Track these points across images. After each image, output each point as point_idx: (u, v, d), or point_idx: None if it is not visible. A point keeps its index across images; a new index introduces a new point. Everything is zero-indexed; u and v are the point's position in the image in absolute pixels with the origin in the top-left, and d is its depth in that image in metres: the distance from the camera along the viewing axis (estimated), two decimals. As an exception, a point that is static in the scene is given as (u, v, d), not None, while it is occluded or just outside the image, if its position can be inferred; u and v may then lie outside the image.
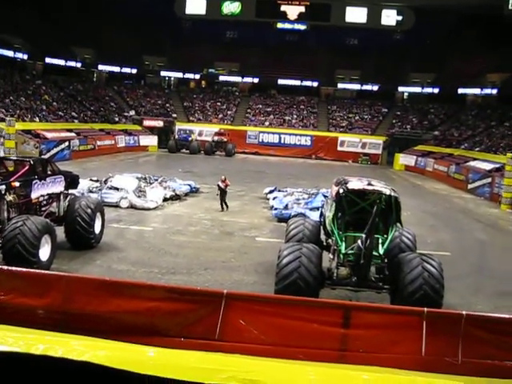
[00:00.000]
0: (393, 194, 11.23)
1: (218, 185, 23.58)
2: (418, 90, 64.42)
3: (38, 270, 8.12)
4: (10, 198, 13.42)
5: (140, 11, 61.88)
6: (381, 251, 11.11)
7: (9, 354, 3.59)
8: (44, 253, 12.65)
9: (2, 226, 12.96)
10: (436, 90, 62.66)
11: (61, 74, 60.37)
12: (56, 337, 4.34)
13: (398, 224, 11.63)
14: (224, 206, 23.48)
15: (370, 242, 10.31)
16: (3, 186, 13.21)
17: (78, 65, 63.18)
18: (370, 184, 11.72)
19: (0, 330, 4.31)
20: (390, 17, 64.95)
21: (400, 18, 64.61)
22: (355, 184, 11.79)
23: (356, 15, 64.78)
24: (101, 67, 66.06)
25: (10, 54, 53.65)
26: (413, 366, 5.58)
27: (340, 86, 66.78)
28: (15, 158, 17.19)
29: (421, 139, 56.43)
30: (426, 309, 6.44)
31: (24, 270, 7.49)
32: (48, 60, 58.65)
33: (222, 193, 23.53)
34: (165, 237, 18.14)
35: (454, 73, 59.99)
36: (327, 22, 64.50)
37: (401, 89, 65.82)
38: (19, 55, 55.17)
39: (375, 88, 64.56)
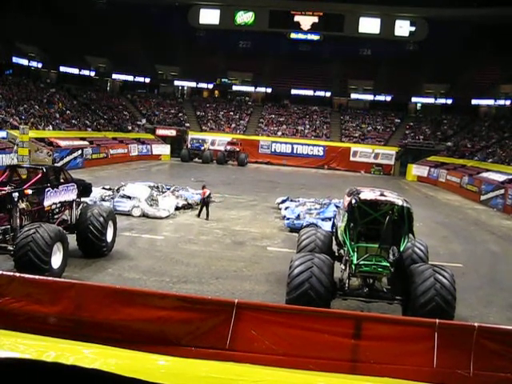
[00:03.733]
0: (405, 204, 11.18)
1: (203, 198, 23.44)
2: (431, 100, 64.22)
3: (49, 278, 8.14)
4: (22, 205, 13.49)
5: (154, 21, 62.45)
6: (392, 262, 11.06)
7: (20, 361, 3.59)
8: (56, 260, 12.68)
9: (15, 234, 13.02)
10: (449, 101, 62.48)
11: (75, 82, 60.86)
12: (67, 344, 4.35)
13: (411, 235, 11.58)
14: (206, 214, 23.19)
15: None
16: (16, 194, 13.27)
17: (92, 74, 63.60)
18: (382, 195, 11.67)
19: (12, 338, 4.32)
20: (403, 27, 65.07)
21: (413, 28, 64.73)
22: (367, 194, 11.74)
23: (369, 26, 64.96)
24: (114, 76, 66.50)
25: (24, 62, 54.12)
26: (424, 377, 5.55)
27: (353, 96, 66.70)
28: (28, 166, 17.27)
29: (434, 150, 56.27)
30: (437, 320, 6.40)
31: (36, 277, 7.51)
32: (62, 69, 59.14)
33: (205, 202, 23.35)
34: (176, 246, 18.16)
35: (468, 84, 59.92)
36: (340, 33, 64.72)
37: (414, 99, 65.61)
38: (34, 64, 55.66)
39: (388, 98, 64.43)
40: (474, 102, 60.10)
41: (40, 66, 56.83)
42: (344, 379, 4.52)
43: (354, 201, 11.40)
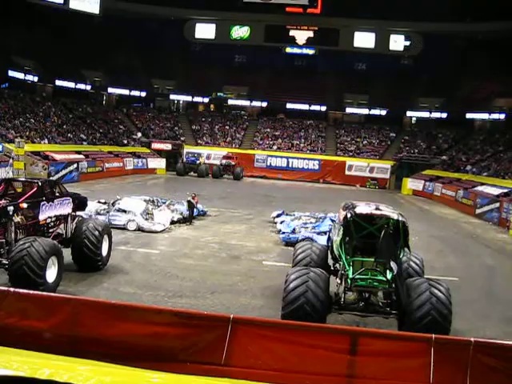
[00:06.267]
0: (400, 218, 11.20)
1: (189, 200, 25.24)
2: (426, 114, 64.42)
3: (44, 293, 8.11)
4: (17, 219, 13.45)
5: (150, 35, 62.60)
6: (388, 276, 11.05)
7: (14, 379, 3.57)
8: (51, 274, 12.61)
9: (9, 247, 12.97)
10: (444, 115, 62.66)
11: (70, 96, 60.89)
12: (62, 361, 4.32)
13: (406, 249, 11.60)
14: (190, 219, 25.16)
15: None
16: (11, 208, 13.23)
17: (88, 87, 63.69)
18: (377, 208, 11.70)
19: (5, 354, 4.30)
20: (397, 42, 65.32)
21: (408, 43, 65.00)
22: (363, 208, 11.77)
23: (364, 40, 65.20)
24: (110, 90, 66.60)
25: (20, 76, 54.26)
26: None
27: (348, 110, 66.86)
28: (24, 180, 17.27)
29: (429, 164, 56.45)
30: (433, 335, 6.38)
31: (31, 292, 7.48)
32: (58, 82, 59.23)
33: (192, 207, 25.16)
34: (172, 260, 18.10)
35: (462, 98, 60.23)
36: (335, 47, 65.04)
37: (409, 113, 65.80)
38: (29, 77, 55.79)
39: (383, 112, 64.61)
40: (469, 115, 60.37)
41: (36, 79, 56.93)
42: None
43: (349, 215, 11.41)
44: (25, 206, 13.72)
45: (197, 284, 15.16)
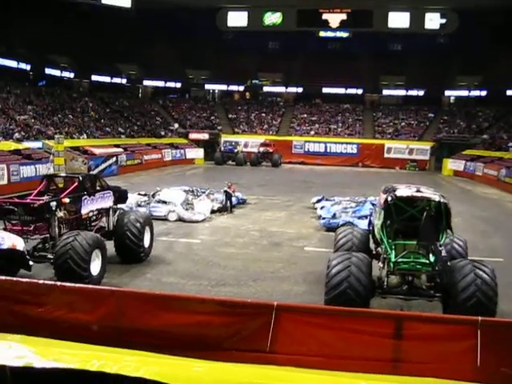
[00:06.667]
0: (442, 200, 11.06)
1: (226, 190, 25.24)
2: (464, 93, 63.38)
3: (89, 286, 8.24)
4: (60, 214, 13.68)
5: (182, 25, 62.70)
6: (431, 258, 10.93)
7: (66, 371, 3.64)
8: (95, 267, 12.84)
9: (54, 242, 13.22)
10: (483, 93, 61.47)
11: (107, 90, 61.63)
12: (109, 352, 4.38)
13: (449, 231, 11.45)
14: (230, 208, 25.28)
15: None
16: (54, 203, 13.46)
17: (124, 81, 64.38)
18: (418, 191, 11.58)
19: (55, 347, 4.38)
20: (433, 20, 64.16)
21: (444, 20, 63.75)
22: (404, 191, 11.66)
23: (399, 20, 64.22)
24: (146, 83, 67.15)
25: (57, 73, 55.19)
26: (468, 377, 5.44)
27: (385, 92, 66.23)
28: (65, 175, 17.53)
29: (469, 143, 55.38)
30: (480, 317, 6.29)
31: (76, 285, 7.60)
32: (94, 77, 60.12)
33: (229, 197, 25.14)
34: (213, 249, 18.21)
35: (502, 74, 58.84)
36: (370, 29, 64.08)
37: (447, 93, 64.81)
38: (66, 74, 56.76)
39: (421, 93, 63.76)
40: (509, 92, 58.95)
41: (72, 75, 57.85)
42: (387, 381, 4.48)
43: (390, 198, 11.31)
44: (67, 200, 13.94)
45: (239, 272, 15.24)
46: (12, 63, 49.35)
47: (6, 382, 3.76)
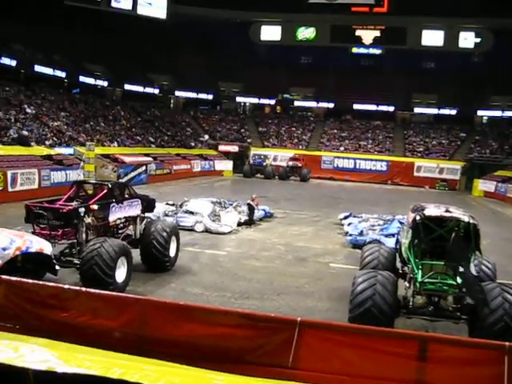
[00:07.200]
0: (471, 221, 10.93)
1: (249, 203, 25.10)
2: (498, 113, 62.72)
3: (114, 293, 8.28)
4: (88, 220, 13.79)
5: (215, 38, 63.16)
6: (459, 280, 10.79)
7: (87, 377, 3.65)
8: (120, 274, 12.89)
9: (81, 248, 13.33)
10: (517, 114, 60.84)
11: (139, 100, 62.25)
12: (131, 360, 4.39)
13: (477, 252, 11.30)
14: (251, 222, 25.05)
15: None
16: (82, 209, 13.60)
17: (156, 91, 64.97)
18: (447, 211, 11.46)
19: (78, 353, 4.40)
20: (467, 39, 63.68)
21: (478, 40, 63.22)
22: (432, 211, 11.55)
23: (432, 38, 63.89)
24: (178, 93, 67.69)
25: (91, 81, 55.97)
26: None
27: (416, 110, 65.91)
28: (94, 182, 17.68)
29: (501, 164, 54.67)
30: (507, 343, 6.17)
31: (102, 292, 7.66)
32: (127, 87, 60.74)
33: (252, 210, 24.93)
34: (238, 261, 18.19)
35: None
36: (403, 46, 63.89)
37: (480, 113, 64.22)
38: (99, 82, 57.52)
39: (453, 112, 63.34)
40: (543, 113, 58.36)
41: (106, 84, 58.61)
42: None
43: (418, 217, 11.20)
44: (95, 207, 14.05)
45: (263, 286, 15.18)
46: (48, 70, 50.15)
47: (28, 385, 3.79)
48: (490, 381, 6.04)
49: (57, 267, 12.17)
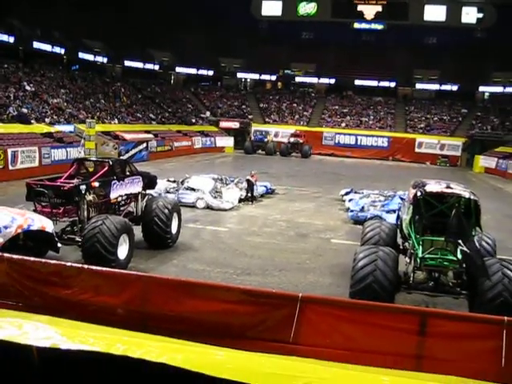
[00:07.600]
0: (472, 197, 10.94)
1: (248, 179, 24.97)
2: (499, 89, 62.39)
3: (116, 270, 8.32)
4: (89, 197, 13.80)
5: (216, 13, 62.63)
6: (459, 256, 10.82)
7: (91, 353, 3.69)
8: (122, 251, 12.97)
9: (82, 225, 13.37)
10: (519, 90, 60.52)
11: (139, 76, 61.95)
12: (134, 337, 4.43)
13: (478, 228, 11.33)
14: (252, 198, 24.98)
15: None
16: (84, 186, 13.60)
17: (156, 67, 64.62)
18: (448, 187, 11.46)
19: (81, 330, 4.44)
20: (470, 14, 63.29)
21: (481, 15, 62.86)
22: (433, 187, 11.56)
23: (435, 13, 63.49)
24: (178, 69, 67.32)
25: (90, 57, 55.60)
26: (492, 377, 5.38)
27: (418, 86, 65.59)
28: (95, 159, 17.66)
29: (502, 140, 54.45)
30: (506, 318, 6.21)
31: (104, 269, 7.69)
32: (127, 63, 60.41)
33: (251, 186, 24.87)
34: (240, 237, 18.25)
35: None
36: (405, 21, 63.45)
37: (482, 88, 63.88)
38: (99, 59, 57.15)
39: (454, 88, 63.03)
40: (546, 89, 58.06)
41: (105, 60, 58.22)
42: (409, 378, 4.46)
43: (419, 193, 11.23)
44: (96, 184, 14.06)
45: (265, 262, 15.24)
46: (47, 47, 49.74)
47: (33, 362, 3.83)
48: (489, 354, 6.10)
49: (59, 245, 12.23)
